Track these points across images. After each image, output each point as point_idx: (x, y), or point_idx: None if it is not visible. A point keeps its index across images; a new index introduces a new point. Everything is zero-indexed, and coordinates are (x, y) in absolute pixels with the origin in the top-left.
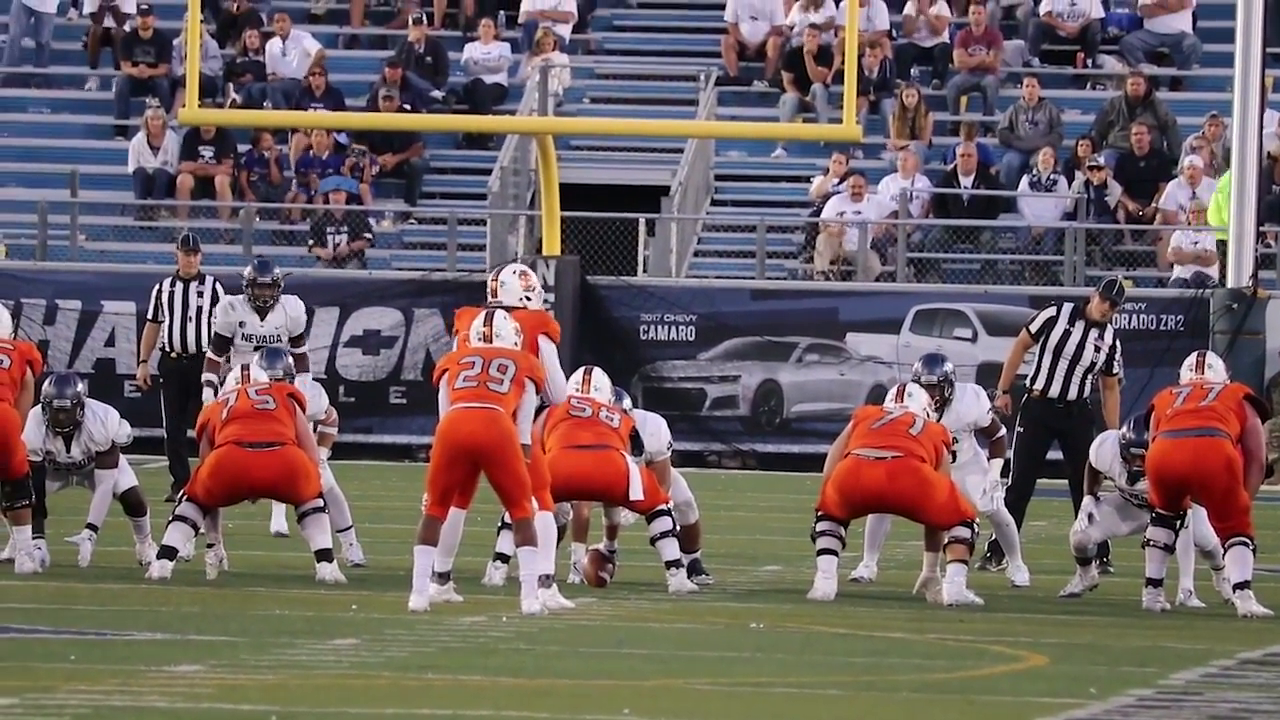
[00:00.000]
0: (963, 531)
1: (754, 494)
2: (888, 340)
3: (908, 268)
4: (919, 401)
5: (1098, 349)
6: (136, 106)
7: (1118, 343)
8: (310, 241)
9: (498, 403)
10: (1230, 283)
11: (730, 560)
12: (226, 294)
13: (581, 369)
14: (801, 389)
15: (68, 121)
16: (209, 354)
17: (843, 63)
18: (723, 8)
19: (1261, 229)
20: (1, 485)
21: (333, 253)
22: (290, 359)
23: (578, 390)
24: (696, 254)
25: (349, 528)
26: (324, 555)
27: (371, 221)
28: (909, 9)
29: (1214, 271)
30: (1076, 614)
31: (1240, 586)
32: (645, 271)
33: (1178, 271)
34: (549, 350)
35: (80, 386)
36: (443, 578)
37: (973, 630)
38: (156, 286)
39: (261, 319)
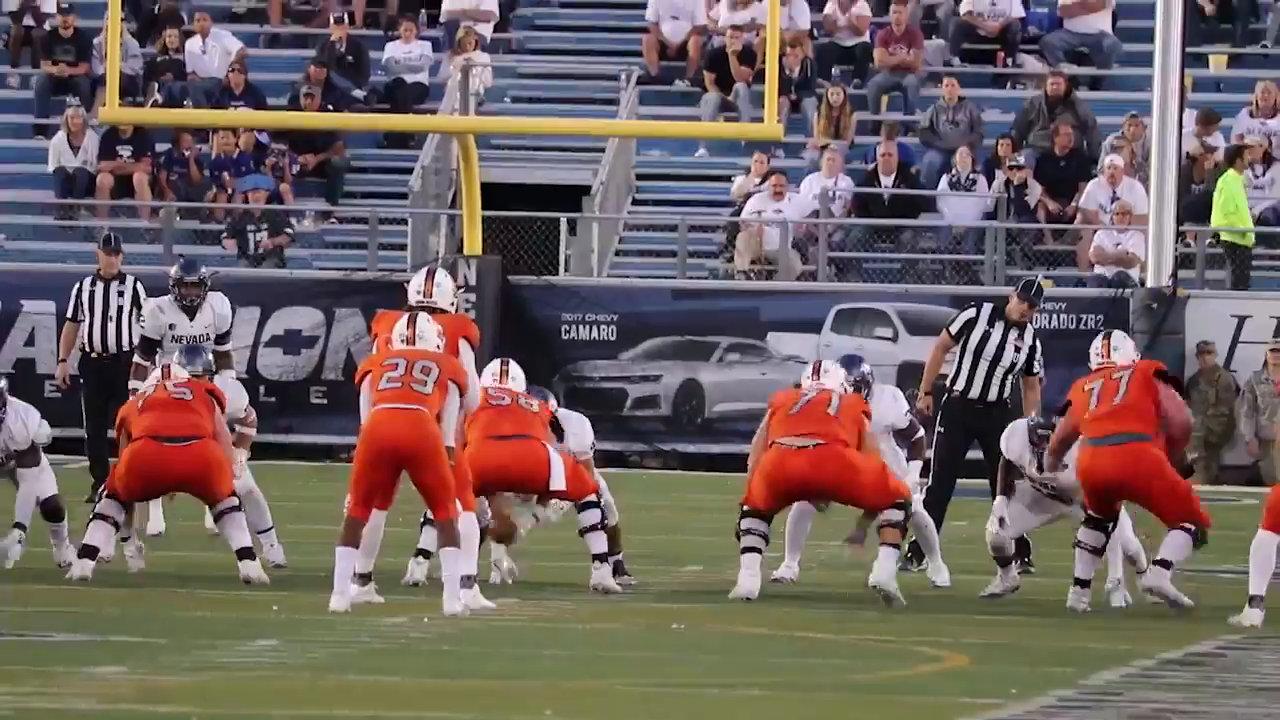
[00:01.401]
0: (894, 514)
1: (676, 494)
2: (809, 340)
3: (829, 267)
4: (835, 378)
5: (1018, 349)
6: (57, 105)
7: (1038, 343)
8: (223, 236)
9: (421, 404)
10: (1150, 282)
11: (652, 561)
12: (149, 295)
13: (498, 360)
14: (723, 389)
15: None
16: (136, 358)
17: (764, 62)
18: (644, 7)
19: (1181, 229)
20: None
21: (253, 249)
22: (210, 356)
23: (495, 381)
24: (618, 253)
25: (269, 529)
26: (245, 553)
27: (293, 220)
28: (830, 8)
29: (1136, 272)
30: (997, 614)
31: (1161, 564)
32: (567, 271)
33: (1099, 271)
34: (468, 354)
35: (1, 384)
36: (364, 579)
37: (894, 630)
38: (77, 286)
39: (190, 319)
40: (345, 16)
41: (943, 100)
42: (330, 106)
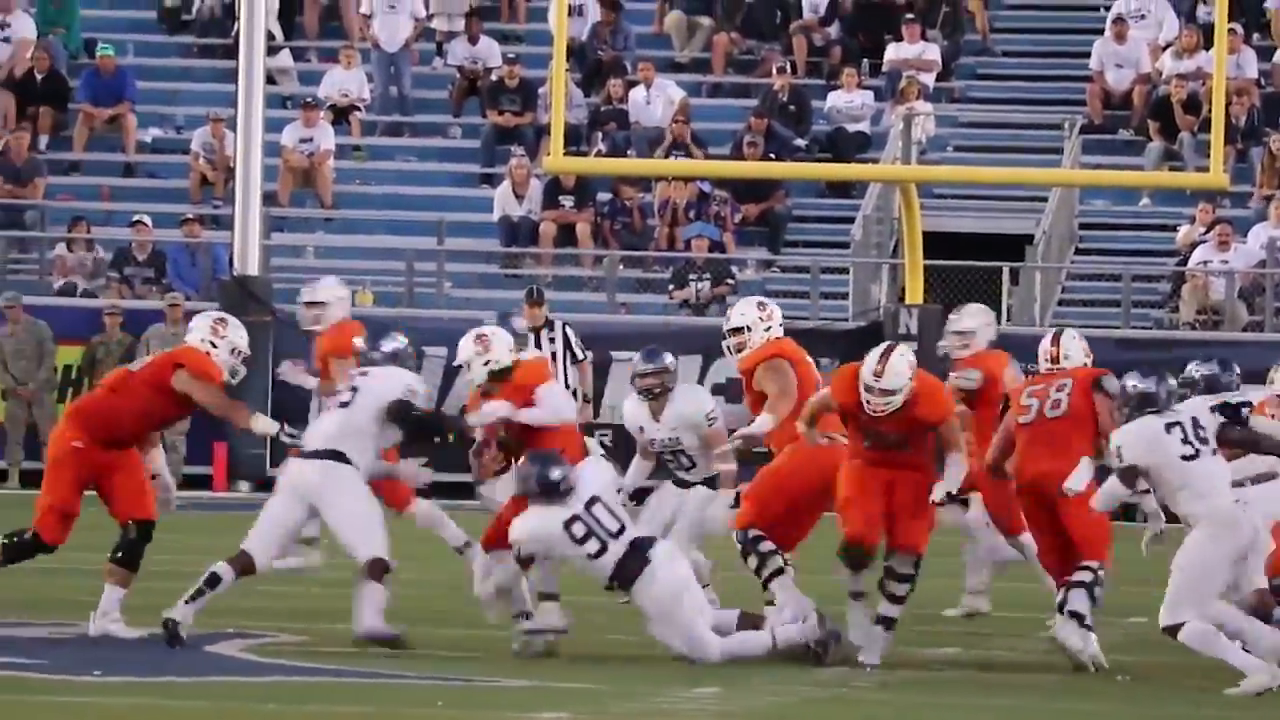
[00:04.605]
0: None
1: (1120, 545)
2: (1256, 391)
3: (1275, 318)
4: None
5: None
6: (502, 155)
7: None
8: (670, 286)
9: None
10: None
11: (1099, 612)
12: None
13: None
14: None
15: (434, 170)
16: None
17: (1209, 110)
18: (1087, 56)
19: None
20: None
21: (695, 298)
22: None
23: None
24: (1060, 303)
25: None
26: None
27: (734, 269)
28: (1278, 57)
29: None
30: None
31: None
32: (1009, 320)
33: None
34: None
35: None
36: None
37: None
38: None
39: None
40: (788, 66)
41: None
42: (772, 155)
